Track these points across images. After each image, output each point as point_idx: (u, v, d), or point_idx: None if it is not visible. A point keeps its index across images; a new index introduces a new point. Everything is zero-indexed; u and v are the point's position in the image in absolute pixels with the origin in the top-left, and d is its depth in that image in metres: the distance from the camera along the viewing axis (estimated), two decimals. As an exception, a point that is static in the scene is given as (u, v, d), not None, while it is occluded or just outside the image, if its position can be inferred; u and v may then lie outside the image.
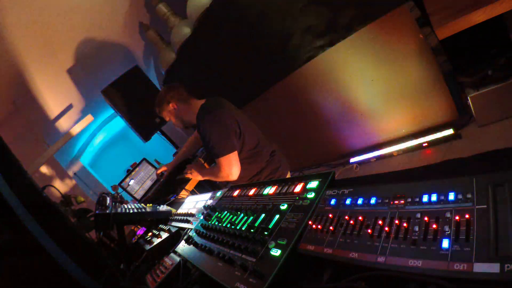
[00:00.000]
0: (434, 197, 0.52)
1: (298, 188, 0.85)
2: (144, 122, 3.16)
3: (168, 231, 1.38)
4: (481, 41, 2.02)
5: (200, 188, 2.79)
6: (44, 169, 4.14)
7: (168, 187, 2.75)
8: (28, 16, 2.67)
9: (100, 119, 5.35)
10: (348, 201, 0.66)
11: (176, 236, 1.31)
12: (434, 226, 0.47)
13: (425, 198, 0.53)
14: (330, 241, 0.60)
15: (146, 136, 3.24)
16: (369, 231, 0.55)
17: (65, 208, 2.17)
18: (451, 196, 0.50)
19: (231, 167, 1.51)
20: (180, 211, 1.59)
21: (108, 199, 1.59)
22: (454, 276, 0.40)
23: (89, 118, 3.71)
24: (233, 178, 1.57)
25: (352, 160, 3.04)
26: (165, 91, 1.76)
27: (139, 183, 3.56)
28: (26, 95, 3.40)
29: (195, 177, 1.91)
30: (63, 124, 4.31)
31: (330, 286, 0.55)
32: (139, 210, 1.65)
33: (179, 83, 1.81)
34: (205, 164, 2.62)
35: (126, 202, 1.93)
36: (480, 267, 0.39)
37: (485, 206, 0.45)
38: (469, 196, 0.48)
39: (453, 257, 0.42)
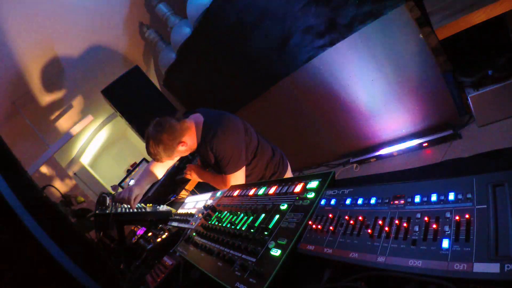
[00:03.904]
0: (434, 197, 0.52)
1: (298, 188, 0.85)
2: (144, 122, 3.16)
3: (168, 231, 1.38)
4: (481, 41, 2.02)
5: (200, 188, 2.79)
6: (44, 169, 4.14)
7: (168, 187, 2.75)
8: (28, 15, 2.67)
9: (100, 119, 5.35)
10: (348, 201, 0.66)
11: (176, 236, 1.31)
12: (434, 226, 0.47)
13: (425, 198, 0.53)
14: (330, 241, 0.60)
15: (146, 136, 3.23)
16: (369, 231, 0.55)
17: (65, 208, 2.18)
18: (451, 196, 0.50)
19: (237, 183, 1.50)
20: (180, 211, 1.59)
21: (108, 199, 1.59)
22: (454, 276, 0.40)
23: (89, 118, 3.71)
24: None
25: (352, 160, 3.04)
26: (164, 138, 1.45)
27: (139, 183, 3.55)
28: (26, 95, 3.40)
29: (195, 179, 1.91)
30: (63, 124, 4.32)
31: (330, 286, 0.55)
32: (139, 210, 1.65)
33: (162, 118, 1.52)
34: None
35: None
36: (480, 267, 0.39)
37: (485, 206, 0.45)
38: (469, 196, 0.48)
39: (453, 257, 0.42)
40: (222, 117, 1.53)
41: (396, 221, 0.53)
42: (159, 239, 1.34)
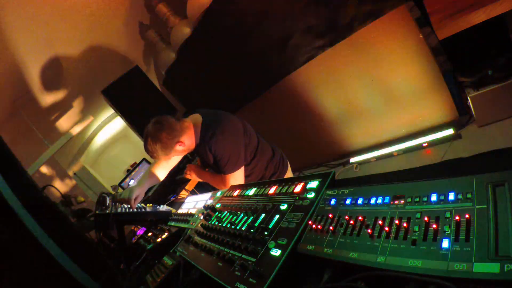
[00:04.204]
0: (434, 197, 0.52)
1: (298, 188, 0.85)
2: (144, 122, 3.16)
3: (168, 231, 1.38)
4: (481, 41, 2.02)
5: (200, 188, 2.80)
6: (44, 169, 4.14)
7: (168, 187, 2.75)
8: (28, 15, 2.67)
9: (100, 119, 5.35)
10: (348, 201, 0.66)
11: (176, 236, 1.31)
12: (434, 226, 0.47)
13: (425, 198, 0.53)
14: (330, 241, 0.60)
15: (146, 136, 3.23)
16: (369, 231, 0.55)
17: (65, 208, 2.18)
18: (451, 196, 0.50)
19: (236, 183, 1.50)
20: (180, 211, 1.59)
21: (108, 199, 1.59)
22: (454, 276, 0.40)
23: (89, 118, 3.71)
24: None
25: (352, 160, 3.04)
26: (163, 137, 1.45)
27: (139, 183, 3.55)
28: (26, 95, 3.40)
29: (194, 179, 1.91)
30: (63, 124, 4.31)
31: (330, 286, 0.55)
32: (139, 210, 1.65)
33: (162, 116, 1.53)
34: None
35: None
36: (480, 267, 0.39)
37: (485, 206, 0.45)
38: (469, 196, 0.48)
39: (453, 257, 0.42)
40: (221, 118, 1.52)
41: (396, 221, 0.53)
42: (159, 239, 1.34)
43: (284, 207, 0.80)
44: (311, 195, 0.77)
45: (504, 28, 1.84)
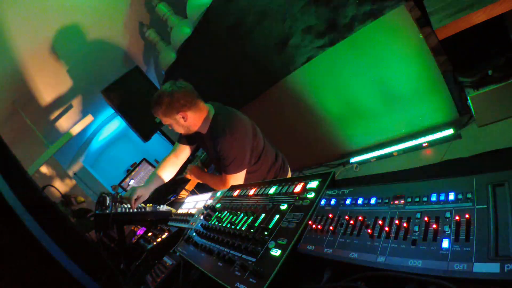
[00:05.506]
0: (434, 197, 0.52)
1: (298, 188, 0.85)
2: (144, 122, 3.16)
3: (168, 231, 1.38)
4: (481, 41, 2.02)
5: (200, 188, 2.79)
6: (44, 169, 4.14)
7: (168, 187, 2.75)
8: (28, 16, 2.67)
9: (100, 119, 5.35)
10: (348, 201, 0.66)
11: (176, 236, 1.31)
12: (434, 226, 0.47)
13: (425, 198, 0.53)
14: (330, 241, 0.60)
15: (146, 136, 3.24)
16: (369, 231, 0.55)
17: (65, 208, 2.18)
18: (451, 196, 0.50)
19: (236, 184, 1.49)
20: (180, 211, 1.59)
21: (108, 199, 1.59)
22: (454, 276, 0.40)
23: (89, 118, 3.71)
24: None
25: (352, 160, 3.04)
26: (175, 97, 1.42)
27: (139, 183, 3.56)
28: (26, 95, 3.40)
29: (194, 179, 1.91)
30: (63, 124, 4.31)
31: (330, 286, 0.55)
32: (139, 210, 1.65)
33: (186, 82, 1.53)
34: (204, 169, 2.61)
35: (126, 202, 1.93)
36: (480, 267, 0.39)
37: (485, 206, 0.45)
38: (469, 196, 0.48)
39: (453, 257, 0.42)
40: (233, 117, 1.51)
41: (396, 221, 0.53)
42: (159, 239, 1.34)
43: (284, 207, 0.80)
44: (311, 195, 0.77)
45: (504, 28, 1.84)
